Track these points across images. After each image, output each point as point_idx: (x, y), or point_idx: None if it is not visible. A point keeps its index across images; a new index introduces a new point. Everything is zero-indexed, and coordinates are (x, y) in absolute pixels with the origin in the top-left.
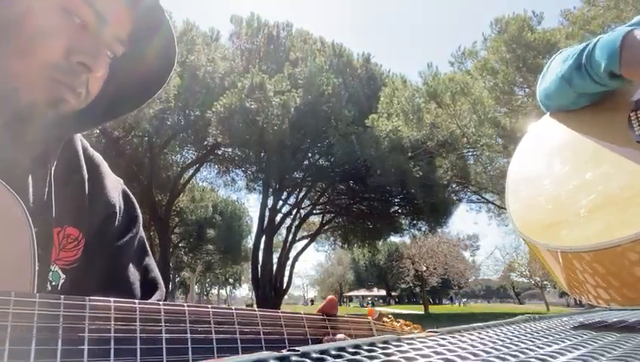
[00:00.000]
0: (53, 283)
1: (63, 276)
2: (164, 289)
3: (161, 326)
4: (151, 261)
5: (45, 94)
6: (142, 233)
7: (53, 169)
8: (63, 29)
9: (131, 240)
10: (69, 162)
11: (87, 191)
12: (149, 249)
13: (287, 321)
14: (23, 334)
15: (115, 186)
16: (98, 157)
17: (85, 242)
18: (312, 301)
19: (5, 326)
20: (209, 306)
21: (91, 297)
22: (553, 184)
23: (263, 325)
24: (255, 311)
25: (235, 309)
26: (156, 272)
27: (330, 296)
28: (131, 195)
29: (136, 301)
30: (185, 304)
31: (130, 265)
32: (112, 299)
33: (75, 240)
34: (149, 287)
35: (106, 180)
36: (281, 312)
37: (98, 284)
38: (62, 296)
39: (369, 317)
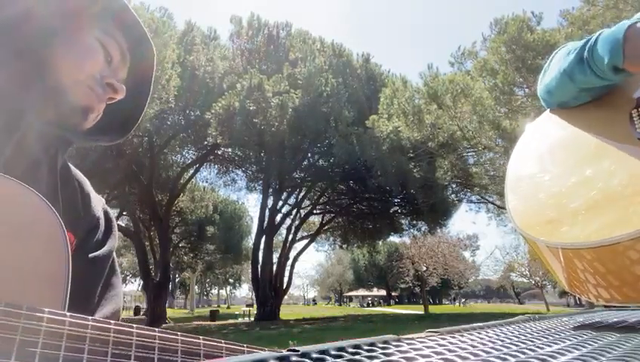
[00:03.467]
0: None
1: None
2: (120, 304)
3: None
4: (117, 279)
5: (83, 100)
6: (114, 253)
7: (59, 172)
8: (101, 54)
9: (106, 256)
10: (66, 178)
11: (80, 203)
12: (117, 268)
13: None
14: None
15: (98, 203)
16: (84, 178)
17: (74, 249)
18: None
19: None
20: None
21: (139, 326)
22: (553, 181)
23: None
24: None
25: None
26: (118, 291)
27: None
28: (112, 215)
29: (157, 330)
30: (201, 338)
31: (100, 280)
32: (157, 330)
33: (70, 245)
34: (111, 301)
35: (92, 197)
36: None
37: (76, 294)
38: (112, 322)
39: None
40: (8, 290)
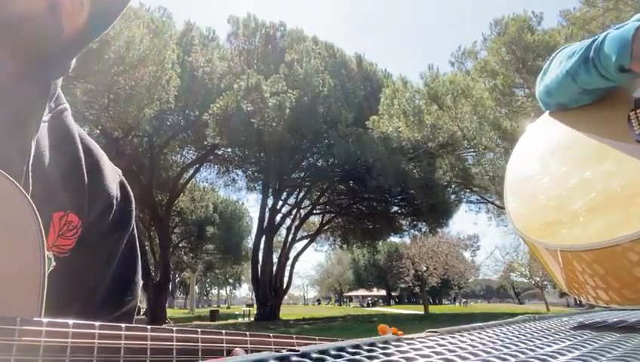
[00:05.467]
0: None
1: (54, 264)
2: (138, 297)
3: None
4: (138, 261)
5: (35, 1)
6: (134, 230)
7: (34, 139)
8: None
9: (123, 237)
10: (67, 148)
11: (86, 179)
12: (138, 248)
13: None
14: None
15: (113, 178)
16: (96, 146)
17: (81, 232)
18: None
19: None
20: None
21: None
22: (552, 183)
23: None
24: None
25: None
26: (138, 277)
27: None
28: (128, 187)
29: (174, 328)
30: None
31: (117, 264)
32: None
33: (75, 229)
34: (127, 291)
35: (105, 170)
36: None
37: (86, 278)
38: (123, 326)
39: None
40: None
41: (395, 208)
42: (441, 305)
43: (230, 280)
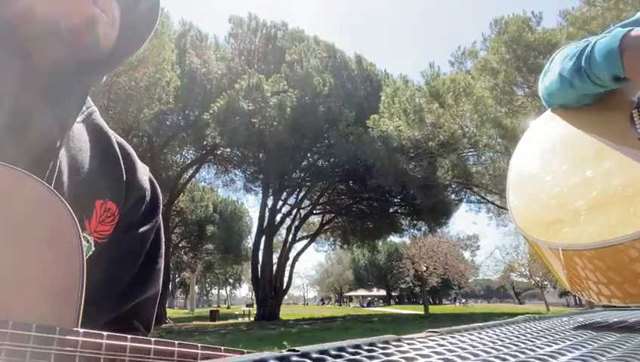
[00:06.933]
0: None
1: (93, 249)
2: (161, 283)
3: None
4: (162, 250)
5: (77, 14)
6: (161, 223)
7: (69, 130)
8: None
9: (152, 228)
10: (104, 143)
11: (124, 172)
12: (163, 238)
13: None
14: None
15: (144, 172)
16: (127, 145)
17: (117, 220)
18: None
19: None
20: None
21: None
22: (554, 181)
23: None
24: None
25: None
26: (162, 264)
27: None
28: (156, 183)
29: (199, 344)
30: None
31: (146, 252)
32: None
33: (112, 216)
34: (153, 277)
35: (137, 165)
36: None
37: (118, 263)
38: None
39: None
40: (6, 304)
41: (395, 208)
42: (441, 305)
43: (230, 280)
